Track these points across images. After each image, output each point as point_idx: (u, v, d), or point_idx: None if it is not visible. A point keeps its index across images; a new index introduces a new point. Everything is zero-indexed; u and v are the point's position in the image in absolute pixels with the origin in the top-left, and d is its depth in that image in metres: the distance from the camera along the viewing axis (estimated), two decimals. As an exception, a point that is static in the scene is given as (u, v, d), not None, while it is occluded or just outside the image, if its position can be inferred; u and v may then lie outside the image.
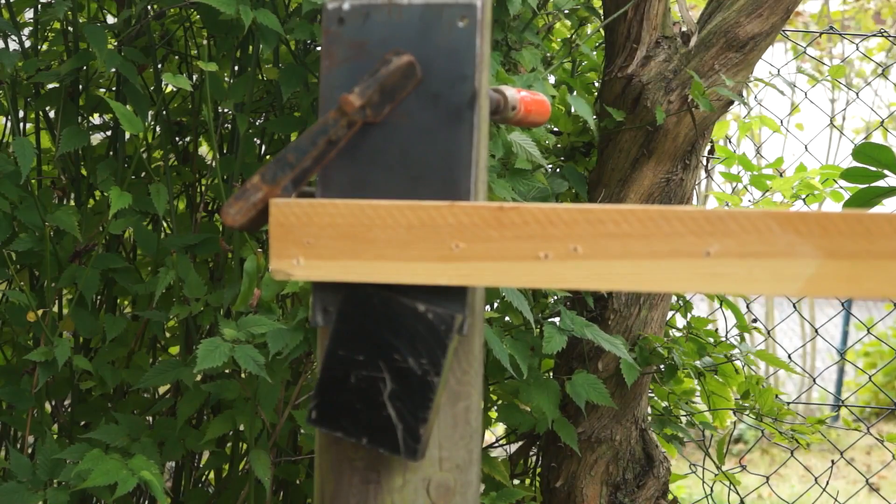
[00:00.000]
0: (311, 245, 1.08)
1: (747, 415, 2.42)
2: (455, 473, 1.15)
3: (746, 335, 2.71)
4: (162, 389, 2.38)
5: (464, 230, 1.06)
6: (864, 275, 1.00)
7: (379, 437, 1.10)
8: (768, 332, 3.37)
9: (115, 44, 2.06)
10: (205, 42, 2.35)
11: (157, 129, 2.32)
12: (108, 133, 2.29)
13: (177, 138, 2.34)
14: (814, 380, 3.42)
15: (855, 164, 1.69)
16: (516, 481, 2.44)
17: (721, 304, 2.55)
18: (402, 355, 1.10)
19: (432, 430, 1.13)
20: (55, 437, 2.12)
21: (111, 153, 2.25)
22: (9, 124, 2.21)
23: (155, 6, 2.06)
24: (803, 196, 2.64)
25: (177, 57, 2.34)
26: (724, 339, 2.52)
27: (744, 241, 1.02)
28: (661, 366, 2.29)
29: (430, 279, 1.07)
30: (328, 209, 1.08)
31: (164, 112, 2.22)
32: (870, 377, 3.35)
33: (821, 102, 5.80)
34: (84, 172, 2.22)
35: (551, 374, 2.33)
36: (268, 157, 2.31)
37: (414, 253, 1.07)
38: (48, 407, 2.22)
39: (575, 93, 2.29)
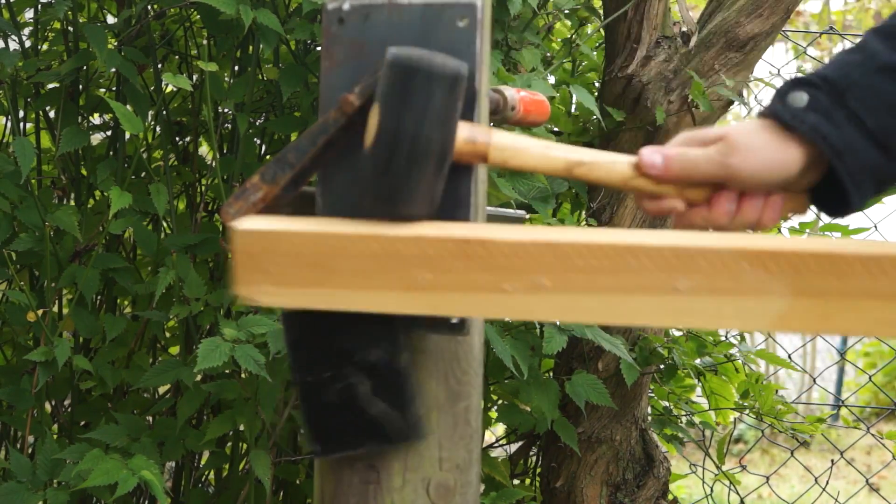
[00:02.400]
0: (276, 273, 1.07)
1: (747, 414, 2.42)
2: (455, 473, 1.15)
3: (747, 335, 2.71)
4: (162, 389, 2.38)
5: (430, 261, 1.04)
6: (834, 313, 0.99)
7: (380, 434, 1.11)
8: (768, 332, 3.37)
9: (115, 44, 2.06)
10: (205, 42, 2.35)
11: (157, 129, 2.32)
12: (108, 133, 2.29)
13: (177, 138, 2.34)
14: (814, 380, 3.42)
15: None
16: (516, 481, 2.44)
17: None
18: (362, 353, 1.10)
19: (431, 401, 1.13)
20: (55, 437, 2.12)
21: (111, 153, 2.25)
22: (9, 124, 2.21)
23: (155, 6, 2.06)
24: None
25: (177, 57, 2.34)
26: (723, 338, 2.52)
27: (713, 278, 1.01)
28: (661, 366, 2.29)
29: (397, 308, 1.06)
30: (292, 238, 1.06)
31: (164, 112, 2.22)
32: (870, 377, 3.35)
33: (821, 102, 5.78)
34: (84, 172, 2.22)
35: (551, 374, 2.33)
36: (268, 157, 2.31)
37: (379, 282, 1.05)
38: (48, 407, 2.22)
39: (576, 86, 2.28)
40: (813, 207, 1.11)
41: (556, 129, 2.39)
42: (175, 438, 2.01)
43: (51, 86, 2.19)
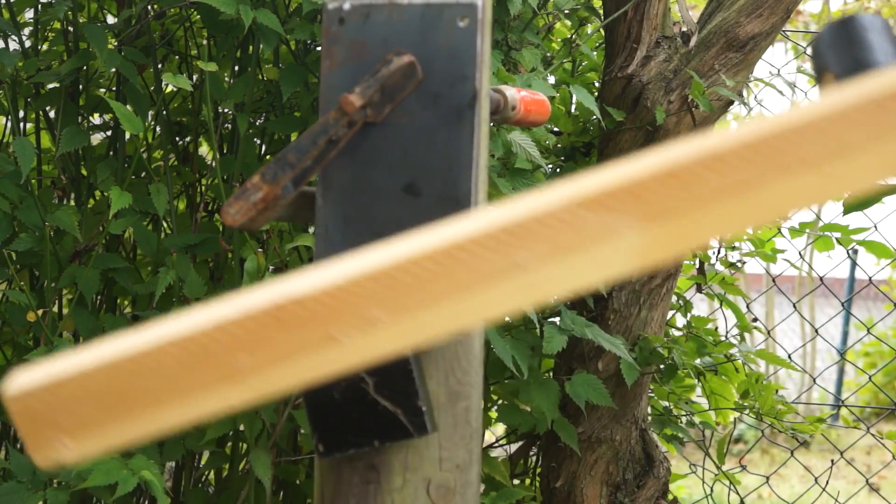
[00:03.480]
0: (71, 423, 0.91)
1: (747, 414, 2.42)
2: (455, 473, 1.15)
3: (746, 335, 2.71)
4: (162, 389, 2.37)
5: (243, 343, 0.90)
6: (693, 226, 0.90)
7: (386, 431, 1.11)
8: (768, 332, 3.38)
9: (115, 44, 2.06)
10: (205, 42, 2.35)
11: (157, 129, 2.32)
12: (108, 133, 2.29)
13: (177, 138, 2.34)
14: (814, 380, 3.42)
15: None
16: (516, 481, 2.44)
17: (721, 304, 2.55)
18: None
19: (432, 401, 1.13)
20: (55, 437, 2.12)
21: (111, 153, 2.25)
22: (9, 124, 2.21)
23: (155, 6, 2.06)
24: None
25: (177, 57, 2.34)
26: (724, 338, 2.52)
27: (554, 239, 0.90)
28: (661, 366, 2.29)
29: (222, 405, 0.91)
30: (76, 381, 0.90)
31: (164, 112, 2.22)
32: (870, 377, 3.35)
33: (821, 102, 5.78)
34: (84, 172, 2.22)
35: (551, 374, 2.33)
36: (268, 157, 2.31)
37: (194, 383, 0.90)
38: (48, 407, 2.21)
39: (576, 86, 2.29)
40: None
41: (556, 128, 2.39)
42: (175, 438, 2.01)
43: (51, 86, 2.19)
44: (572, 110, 2.39)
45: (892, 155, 0.87)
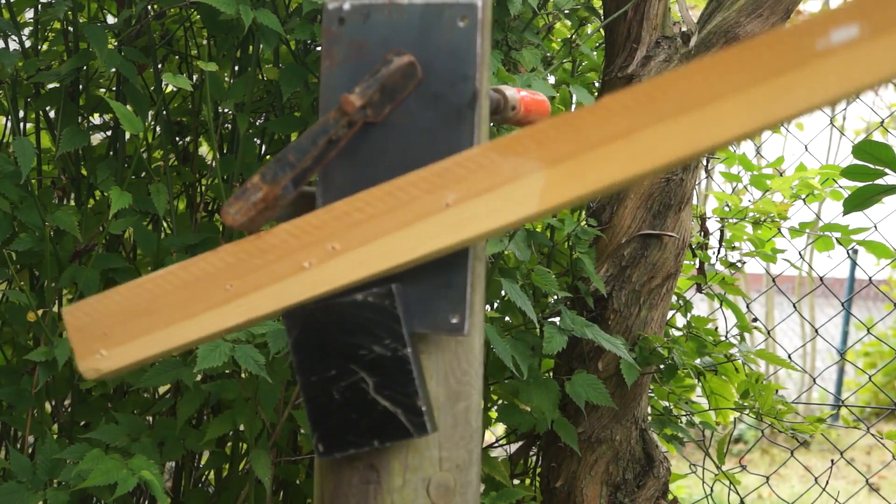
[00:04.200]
0: (108, 335, 1.13)
1: (747, 414, 2.42)
2: (455, 473, 1.15)
3: (746, 335, 2.71)
4: (162, 389, 2.38)
5: (232, 269, 1.11)
6: (586, 168, 1.04)
7: (386, 431, 1.11)
8: (768, 332, 3.37)
9: (115, 44, 2.06)
10: (205, 42, 2.35)
11: (157, 129, 2.32)
12: (108, 133, 2.29)
13: (177, 138, 2.34)
14: (814, 380, 3.42)
15: (855, 161, 1.69)
16: (516, 481, 2.44)
17: (721, 304, 2.55)
18: (366, 348, 1.10)
19: (432, 401, 1.13)
20: (55, 437, 2.12)
21: (111, 153, 2.25)
22: (9, 124, 2.21)
23: (155, 6, 2.06)
24: (803, 196, 2.64)
25: (177, 57, 2.34)
26: (724, 338, 2.52)
27: (474, 181, 1.06)
28: (661, 366, 2.29)
29: (219, 326, 1.12)
30: (114, 297, 1.14)
31: (164, 112, 2.22)
32: (870, 377, 3.35)
33: (821, 102, 5.78)
34: (84, 172, 2.22)
35: (551, 374, 2.33)
36: (268, 157, 2.31)
37: (198, 307, 1.12)
38: (48, 407, 2.22)
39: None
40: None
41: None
42: (175, 438, 2.01)
43: (51, 86, 2.19)
44: (573, 109, 2.39)
45: (751, 102, 0.98)
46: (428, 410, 1.10)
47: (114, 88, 2.27)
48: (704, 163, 2.49)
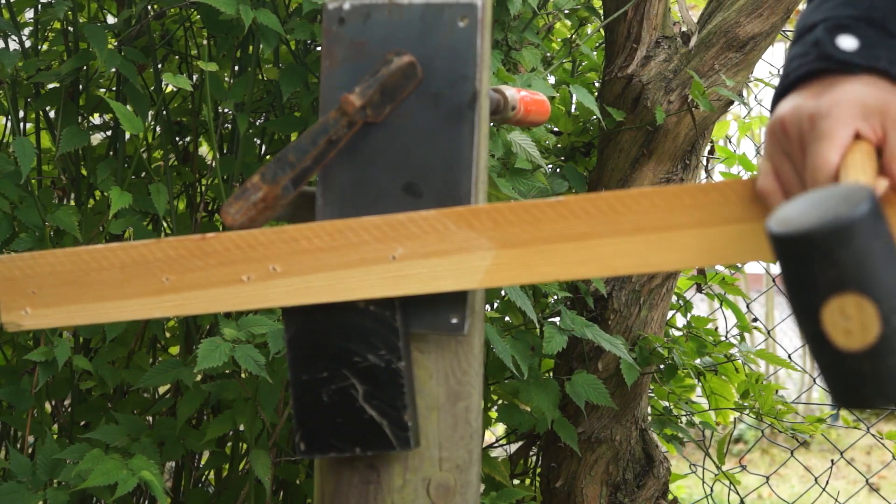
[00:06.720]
0: (36, 294, 1.14)
1: (747, 414, 2.42)
2: (455, 473, 1.15)
3: (746, 335, 2.71)
4: (162, 389, 2.38)
5: (172, 263, 1.12)
6: (535, 260, 1.06)
7: (369, 440, 1.11)
8: (768, 332, 3.37)
9: (115, 44, 2.06)
10: (205, 42, 2.35)
11: (157, 129, 2.32)
12: (108, 133, 2.29)
13: (177, 138, 2.34)
14: (814, 380, 3.42)
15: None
16: (516, 481, 2.44)
17: (721, 304, 2.55)
18: (361, 356, 1.10)
19: (423, 423, 1.13)
20: (55, 437, 2.12)
21: (111, 153, 2.25)
22: (9, 124, 2.21)
23: (155, 6, 2.06)
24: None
25: (177, 57, 2.34)
26: (724, 338, 2.52)
27: (425, 242, 1.07)
28: (661, 366, 2.29)
29: (146, 314, 1.13)
30: (48, 259, 1.14)
31: (164, 112, 2.22)
32: (870, 377, 3.34)
33: (821, 102, 5.78)
34: (84, 172, 2.22)
35: (551, 374, 2.33)
36: (268, 157, 2.31)
37: (130, 290, 1.12)
38: (48, 407, 2.21)
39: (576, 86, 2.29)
40: None
41: (556, 128, 2.39)
42: (175, 438, 2.01)
43: (51, 86, 2.18)
44: (572, 110, 2.39)
45: (708, 241, 1.01)
46: (414, 426, 1.10)
47: (114, 88, 2.27)
48: (704, 163, 2.49)
